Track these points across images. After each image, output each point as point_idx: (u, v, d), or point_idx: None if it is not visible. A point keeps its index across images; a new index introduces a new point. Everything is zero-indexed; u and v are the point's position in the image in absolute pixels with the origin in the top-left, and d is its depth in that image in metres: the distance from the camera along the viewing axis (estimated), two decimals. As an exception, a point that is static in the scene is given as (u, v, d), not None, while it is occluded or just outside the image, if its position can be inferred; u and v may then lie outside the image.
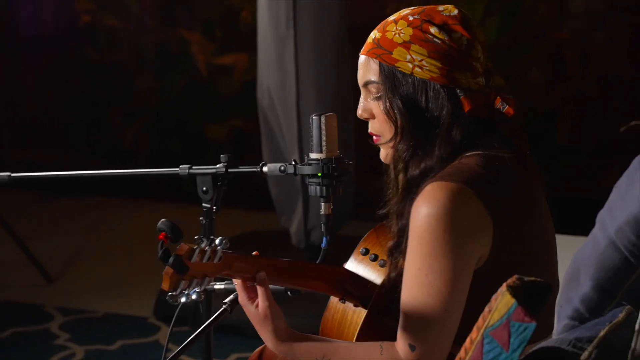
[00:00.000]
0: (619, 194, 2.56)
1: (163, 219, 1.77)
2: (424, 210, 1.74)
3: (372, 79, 1.89)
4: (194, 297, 1.77)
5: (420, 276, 1.75)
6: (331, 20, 4.12)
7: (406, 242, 1.87)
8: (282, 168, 2.11)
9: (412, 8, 1.91)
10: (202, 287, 1.78)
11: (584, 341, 1.42)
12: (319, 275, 2.01)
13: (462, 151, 1.85)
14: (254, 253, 1.96)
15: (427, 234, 1.74)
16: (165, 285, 1.72)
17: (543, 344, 1.53)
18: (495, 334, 1.34)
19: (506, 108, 1.88)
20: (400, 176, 1.90)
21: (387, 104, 1.87)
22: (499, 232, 1.77)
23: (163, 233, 1.74)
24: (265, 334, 1.88)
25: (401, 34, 1.86)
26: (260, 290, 1.87)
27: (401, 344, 1.77)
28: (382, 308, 1.95)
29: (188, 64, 5.86)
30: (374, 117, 1.93)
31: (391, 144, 1.91)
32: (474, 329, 1.40)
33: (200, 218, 2.21)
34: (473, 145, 1.85)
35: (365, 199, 3.01)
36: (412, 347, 1.75)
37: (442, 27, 1.84)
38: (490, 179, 1.79)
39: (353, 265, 2.06)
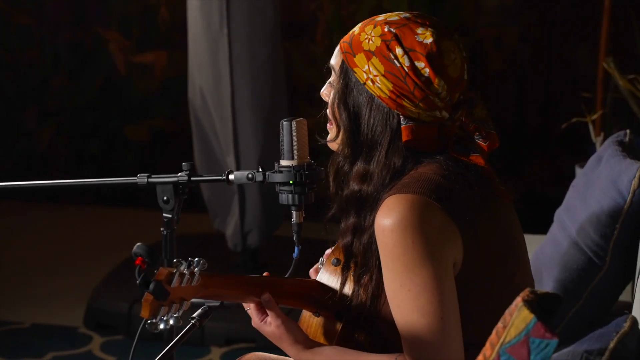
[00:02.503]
0: (578, 193, 2.55)
1: (139, 243, 1.65)
2: (388, 226, 1.70)
3: (334, 68, 1.88)
4: (172, 322, 1.70)
5: (404, 292, 1.71)
6: (265, 19, 4.05)
7: (356, 260, 1.85)
8: (250, 176, 2.03)
9: (400, 14, 1.83)
10: (180, 312, 1.71)
11: (594, 354, 1.39)
12: (291, 290, 1.96)
13: (417, 160, 1.80)
14: (265, 274, 1.94)
15: (398, 249, 1.70)
16: (144, 313, 1.64)
17: (554, 357, 1.49)
18: (513, 351, 1.29)
19: (480, 141, 1.81)
20: (341, 191, 1.87)
21: (337, 100, 1.84)
22: (466, 241, 1.73)
23: (140, 258, 1.64)
24: (286, 348, 1.89)
25: (370, 42, 1.80)
26: (269, 310, 1.88)
27: None
28: (356, 322, 1.90)
29: (104, 62, 5.69)
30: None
31: (336, 142, 1.87)
32: (487, 345, 1.35)
33: (162, 229, 2.13)
34: (428, 155, 1.80)
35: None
36: None
37: (407, 52, 1.76)
38: (450, 187, 1.75)
39: (325, 276, 2.00)
